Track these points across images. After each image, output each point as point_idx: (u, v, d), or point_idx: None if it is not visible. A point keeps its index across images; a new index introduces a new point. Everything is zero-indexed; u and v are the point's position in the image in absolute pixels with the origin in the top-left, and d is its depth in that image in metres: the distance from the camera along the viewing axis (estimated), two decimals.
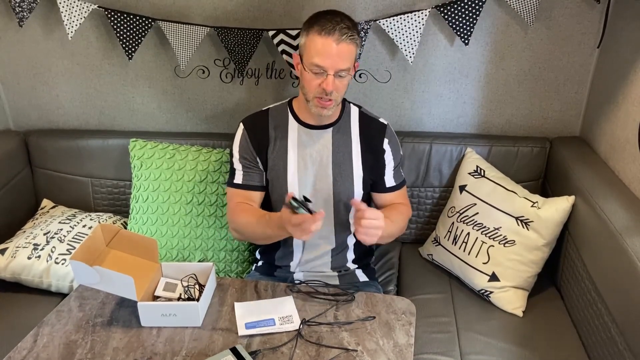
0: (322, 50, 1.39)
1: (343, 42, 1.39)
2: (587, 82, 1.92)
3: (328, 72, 1.41)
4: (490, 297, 1.71)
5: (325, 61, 1.40)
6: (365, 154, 1.60)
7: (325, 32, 1.38)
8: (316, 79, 1.43)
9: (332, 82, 1.42)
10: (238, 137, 1.62)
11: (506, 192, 1.77)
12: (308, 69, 1.43)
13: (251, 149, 1.59)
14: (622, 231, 1.38)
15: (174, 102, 2.12)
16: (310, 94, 1.47)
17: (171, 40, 1.89)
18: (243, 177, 1.61)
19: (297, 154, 1.57)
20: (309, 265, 1.66)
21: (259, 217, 1.52)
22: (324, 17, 1.42)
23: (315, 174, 1.57)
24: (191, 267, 1.45)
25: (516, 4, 1.75)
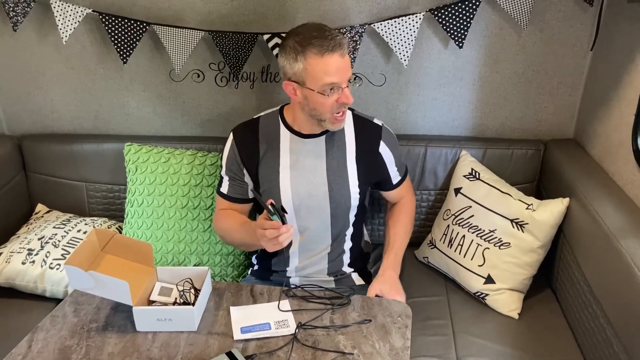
0: (333, 68, 1.37)
1: (345, 53, 1.40)
2: (580, 85, 1.93)
3: (342, 86, 1.40)
4: (486, 299, 1.71)
5: (340, 76, 1.39)
6: (361, 158, 1.59)
7: (329, 51, 1.36)
8: (331, 98, 1.41)
9: (349, 93, 1.42)
10: (227, 147, 1.62)
11: (501, 195, 1.78)
12: (320, 91, 1.40)
13: (238, 161, 1.59)
14: (617, 233, 1.39)
15: (169, 106, 2.12)
16: (326, 114, 1.45)
17: (166, 44, 1.89)
18: (228, 187, 1.63)
19: (289, 164, 1.56)
20: (305, 272, 1.65)
21: (241, 225, 1.54)
22: (312, 36, 1.37)
23: (310, 183, 1.56)
24: (187, 271, 1.44)
25: (509, 8, 1.76)
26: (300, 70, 1.40)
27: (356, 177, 1.59)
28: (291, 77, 1.43)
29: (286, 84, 1.46)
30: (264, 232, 1.32)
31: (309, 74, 1.39)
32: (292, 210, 1.57)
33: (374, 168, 1.63)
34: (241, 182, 1.62)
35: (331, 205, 1.57)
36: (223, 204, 1.66)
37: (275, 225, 1.30)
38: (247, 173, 1.60)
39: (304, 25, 1.44)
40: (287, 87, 1.46)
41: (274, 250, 1.37)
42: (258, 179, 1.59)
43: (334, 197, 1.57)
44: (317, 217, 1.59)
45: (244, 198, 1.64)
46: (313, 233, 1.60)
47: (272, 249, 1.35)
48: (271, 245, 1.34)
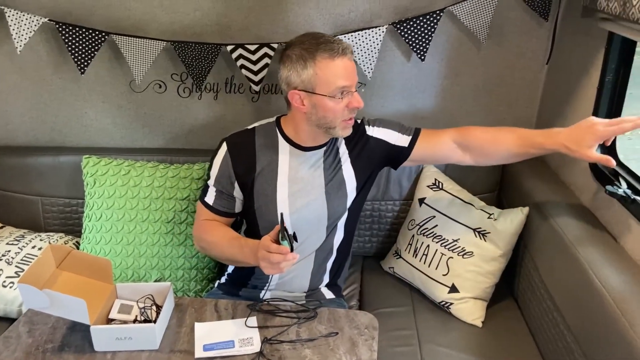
0: (344, 71, 1.37)
1: (352, 58, 1.41)
2: (537, 98, 2.00)
3: (353, 90, 1.40)
4: (451, 308, 1.73)
5: (350, 80, 1.39)
6: (356, 158, 1.55)
7: (338, 54, 1.36)
8: (342, 102, 1.39)
9: (359, 97, 1.41)
10: (219, 158, 1.53)
11: (464, 205, 1.81)
12: (332, 95, 1.37)
13: (231, 174, 1.51)
14: (574, 241, 1.43)
15: (130, 117, 2.07)
16: (337, 120, 1.42)
17: (126, 55, 1.85)
18: (214, 199, 1.54)
19: (288, 178, 1.51)
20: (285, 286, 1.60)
21: (231, 239, 1.47)
22: (318, 42, 1.37)
23: (309, 197, 1.52)
24: (147, 287, 1.40)
25: (469, 22, 1.81)
26: (310, 77, 1.37)
27: (354, 182, 1.55)
28: (298, 85, 1.40)
29: (292, 94, 1.41)
30: (270, 255, 1.24)
31: (320, 79, 1.37)
32: (289, 225, 1.52)
33: (372, 156, 1.57)
34: (229, 196, 1.54)
35: (329, 219, 1.54)
36: (206, 215, 1.56)
37: (284, 251, 1.23)
38: (238, 188, 1.53)
39: (303, 35, 1.43)
40: (294, 96, 1.41)
41: (270, 273, 1.32)
42: (253, 193, 1.52)
43: (332, 209, 1.53)
44: (313, 231, 1.55)
45: (229, 212, 1.56)
46: (305, 247, 1.56)
47: (269, 272, 1.28)
48: (270, 269, 1.26)
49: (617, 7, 1.28)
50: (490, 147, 1.54)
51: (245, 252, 1.37)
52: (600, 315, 1.23)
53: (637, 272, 1.28)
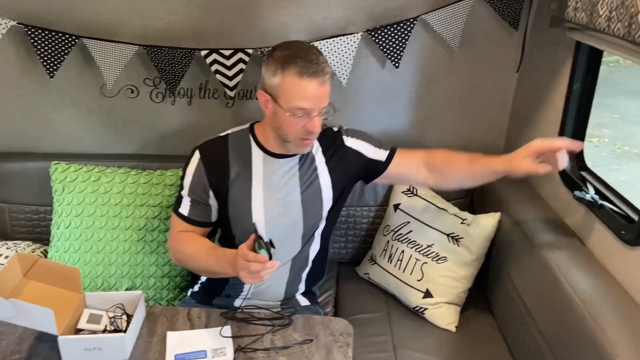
0: (307, 94, 1.32)
1: (326, 82, 1.35)
2: (508, 105, 2.03)
3: (313, 114, 1.35)
4: (425, 313, 1.74)
5: (312, 103, 1.34)
6: (333, 167, 1.54)
7: (309, 75, 1.31)
8: (299, 122, 1.36)
9: (318, 123, 1.36)
10: (192, 167, 1.50)
11: (438, 210, 1.83)
12: (289, 112, 1.35)
13: (205, 184, 1.48)
14: (544, 245, 1.46)
15: (101, 122, 2.03)
16: (291, 136, 1.39)
17: (97, 59, 1.81)
18: (190, 209, 1.51)
19: (262, 186, 1.49)
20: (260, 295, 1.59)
21: (208, 250, 1.44)
22: (297, 56, 1.33)
23: (284, 205, 1.50)
24: (118, 296, 1.38)
25: (442, 30, 1.83)
26: (276, 85, 1.36)
27: (330, 192, 1.54)
28: (267, 88, 1.39)
29: (260, 94, 1.41)
30: (248, 264, 1.22)
31: (284, 92, 1.35)
32: (264, 233, 1.50)
33: (349, 167, 1.56)
34: (205, 205, 1.51)
35: (304, 228, 1.53)
36: (181, 226, 1.52)
37: (262, 260, 1.21)
38: (213, 196, 1.50)
39: (295, 41, 1.41)
40: (260, 97, 1.41)
41: (251, 283, 1.30)
42: (227, 201, 1.50)
43: (308, 220, 1.52)
44: (288, 238, 1.53)
45: (206, 221, 1.53)
46: (281, 255, 1.55)
47: (249, 281, 1.26)
48: (250, 278, 1.24)
49: (584, 17, 1.31)
50: (447, 167, 1.58)
51: (223, 263, 1.34)
52: (569, 318, 1.25)
53: (604, 276, 1.32)
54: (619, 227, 1.30)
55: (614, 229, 1.32)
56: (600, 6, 1.23)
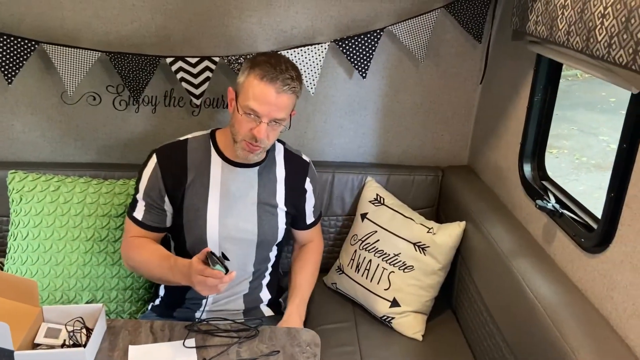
0: (261, 96, 1.34)
1: (284, 93, 1.35)
2: (472, 116, 2.07)
3: (262, 120, 1.36)
4: (392, 323, 1.75)
5: (262, 108, 1.35)
6: (289, 192, 1.57)
7: (267, 80, 1.34)
8: (248, 123, 1.37)
9: (264, 130, 1.36)
10: (149, 170, 1.48)
11: (404, 219, 1.84)
12: (242, 110, 1.37)
13: (161, 188, 1.47)
14: (508, 253, 1.49)
15: (61, 130, 1.97)
16: (239, 136, 1.40)
17: (57, 65, 1.76)
18: (144, 214, 1.49)
19: (219, 194, 1.48)
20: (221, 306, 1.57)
21: (161, 258, 1.42)
22: (268, 61, 1.36)
23: (240, 215, 1.50)
24: (77, 309, 1.33)
25: (408, 42, 1.86)
26: (241, 83, 1.40)
27: (284, 211, 1.57)
28: (236, 85, 1.43)
29: (229, 91, 1.45)
30: (205, 279, 1.23)
31: (244, 90, 1.38)
32: (217, 242, 1.49)
33: (298, 203, 1.61)
34: (160, 210, 1.49)
35: (259, 238, 1.53)
36: (135, 231, 1.50)
37: (219, 275, 1.22)
38: (168, 201, 1.48)
39: (279, 54, 1.47)
40: (229, 94, 1.45)
41: (207, 294, 1.30)
42: (182, 207, 1.48)
43: (263, 230, 1.52)
44: (242, 250, 1.53)
45: (160, 227, 1.51)
46: (235, 266, 1.53)
47: (205, 294, 1.27)
48: (207, 291, 1.26)
49: (544, 31, 1.35)
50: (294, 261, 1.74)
51: (176, 274, 1.34)
52: (532, 325, 1.28)
53: (566, 283, 1.34)
54: (579, 235, 1.34)
55: (574, 237, 1.35)
56: (559, 20, 1.27)
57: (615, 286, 1.20)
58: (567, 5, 1.24)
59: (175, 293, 1.58)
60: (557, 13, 1.28)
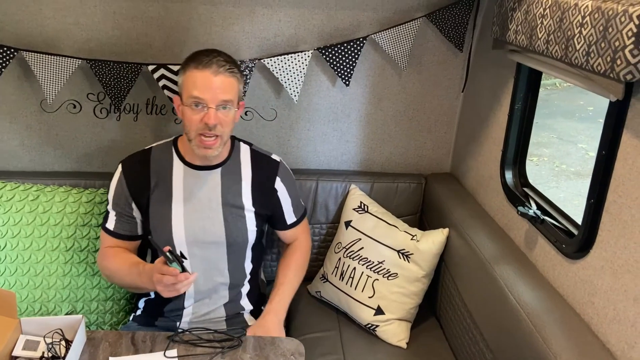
0: (201, 83, 1.36)
1: (221, 74, 1.37)
2: (454, 124, 2.09)
3: (209, 105, 1.37)
4: (376, 330, 1.74)
5: (205, 93, 1.36)
6: (257, 192, 1.56)
7: (202, 66, 1.36)
8: (197, 114, 1.38)
9: (214, 114, 1.37)
10: (115, 180, 1.53)
11: (388, 227, 1.84)
12: (187, 103, 1.38)
13: (126, 195, 1.50)
14: (491, 260, 1.50)
15: (40, 139, 1.94)
16: (192, 132, 1.40)
17: (37, 72, 1.74)
18: (115, 224, 1.52)
19: (183, 198, 1.49)
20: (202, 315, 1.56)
21: (131, 265, 1.43)
22: (200, 54, 1.41)
23: (205, 218, 1.50)
24: (56, 321, 1.30)
25: (390, 50, 1.87)
26: (180, 84, 1.42)
27: (253, 212, 1.55)
28: (178, 89, 1.44)
29: (174, 99, 1.47)
30: (162, 277, 1.26)
31: (185, 86, 1.40)
32: (185, 246, 1.49)
33: (270, 204, 1.60)
34: (129, 218, 1.52)
35: (227, 240, 1.52)
36: (109, 241, 1.54)
37: (173, 273, 1.24)
38: (136, 207, 1.51)
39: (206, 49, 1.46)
40: (175, 102, 1.47)
41: (170, 296, 1.30)
42: (148, 214, 1.50)
43: (231, 232, 1.52)
44: (212, 254, 1.52)
45: (132, 235, 1.54)
46: (208, 271, 1.52)
47: (167, 295, 1.29)
48: (167, 292, 1.28)
49: (524, 40, 1.37)
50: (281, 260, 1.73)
51: (144, 279, 1.36)
52: (515, 331, 1.28)
53: (547, 289, 1.36)
54: (560, 241, 1.35)
55: (556, 243, 1.37)
56: (539, 30, 1.29)
57: (596, 291, 1.21)
58: (546, 15, 1.26)
59: (153, 306, 1.58)
60: (536, 22, 1.31)
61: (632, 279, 1.10)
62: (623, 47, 0.99)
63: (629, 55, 0.98)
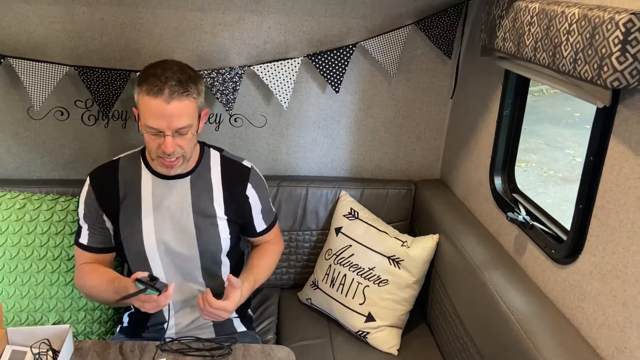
0: (154, 112, 1.30)
1: (175, 99, 1.29)
2: (443, 130, 2.11)
3: (166, 133, 1.31)
4: (367, 337, 1.74)
5: (159, 123, 1.30)
6: (229, 200, 1.53)
7: (153, 93, 1.29)
8: (155, 140, 1.34)
9: (170, 143, 1.32)
10: (84, 194, 1.50)
11: (378, 233, 1.84)
12: (144, 130, 1.34)
13: (96, 207, 1.47)
14: (481, 265, 1.50)
15: (27, 146, 1.92)
16: (152, 153, 1.38)
17: (24, 79, 1.72)
18: (89, 237, 1.50)
19: (152, 208, 1.47)
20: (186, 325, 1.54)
21: (108, 282, 1.41)
22: (153, 73, 1.31)
23: (176, 227, 1.47)
24: (43, 331, 1.28)
25: (380, 57, 1.88)
26: (136, 102, 1.36)
27: (225, 220, 1.52)
28: (136, 103, 1.38)
29: (134, 110, 1.40)
30: (143, 304, 1.28)
31: (140, 110, 1.35)
32: (157, 256, 1.47)
33: (241, 211, 1.56)
34: (102, 229, 1.49)
35: (200, 248, 1.49)
36: (84, 257, 1.50)
37: (152, 299, 1.26)
38: (107, 218, 1.49)
39: (164, 60, 1.38)
40: (135, 111, 1.40)
41: (155, 311, 1.31)
42: (119, 225, 1.48)
43: (203, 241, 1.49)
44: (185, 263, 1.50)
45: (106, 247, 1.51)
46: (183, 280, 1.50)
47: (153, 312, 1.31)
48: (152, 310, 1.30)
49: (512, 47, 1.39)
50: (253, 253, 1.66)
51: (122, 293, 1.34)
52: (506, 337, 1.29)
53: (537, 294, 1.36)
54: (549, 247, 1.36)
55: (545, 249, 1.37)
56: (526, 37, 1.31)
57: (585, 296, 1.22)
58: (533, 22, 1.27)
59: (137, 321, 1.57)
60: (524, 30, 1.32)
61: (620, 284, 1.10)
62: (610, 54, 1.00)
63: (615, 62, 0.99)
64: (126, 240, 1.48)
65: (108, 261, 1.54)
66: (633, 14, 0.96)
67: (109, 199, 1.47)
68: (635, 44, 0.97)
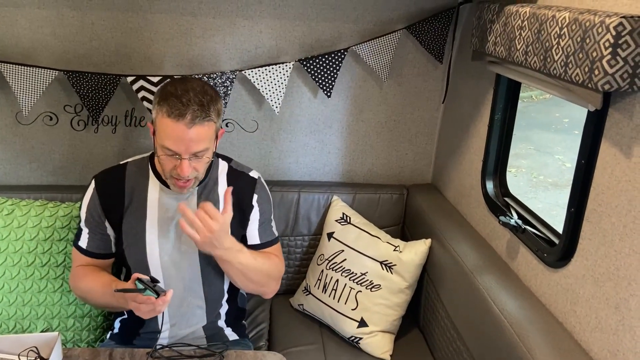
0: (173, 135, 1.27)
1: (197, 125, 1.27)
2: (435, 135, 2.11)
3: (182, 157, 1.30)
4: (360, 343, 1.73)
5: (178, 147, 1.28)
6: (234, 212, 1.47)
7: (175, 116, 1.26)
8: (170, 162, 1.32)
9: (187, 167, 1.30)
10: (87, 196, 1.46)
11: (371, 238, 1.84)
12: (161, 151, 1.31)
13: (99, 212, 1.44)
14: (473, 270, 1.50)
15: (15, 151, 1.89)
16: (166, 173, 1.36)
17: (12, 84, 1.70)
18: (88, 241, 1.47)
19: (157, 217, 1.44)
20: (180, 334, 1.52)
21: (104, 285, 1.38)
22: (174, 94, 1.28)
23: (179, 238, 1.45)
24: (31, 338, 1.26)
25: (371, 61, 1.89)
26: (154, 119, 1.33)
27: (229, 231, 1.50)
28: (153, 119, 1.35)
29: (149, 125, 1.39)
30: (139, 306, 1.24)
31: (157, 128, 1.32)
32: (159, 266, 1.45)
33: (242, 220, 1.52)
34: (103, 235, 1.47)
35: (201, 261, 1.47)
36: (81, 260, 1.48)
37: (150, 301, 1.22)
38: (109, 225, 1.46)
39: (185, 78, 1.36)
40: (150, 127, 1.38)
41: (150, 317, 1.27)
42: (121, 232, 1.45)
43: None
44: (187, 275, 1.48)
45: (106, 253, 1.49)
46: (183, 293, 1.48)
47: (147, 317, 1.27)
48: (147, 315, 1.26)
49: (503, 52, 1.39)
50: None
51: (119, 299, 1.32)
52: (499, 341, 1.28)
53: (530, 298, 1.36)
54: (541, 250, 1.36)
55: (537, 252, 1.38)
56: (517, 41, 1.31)
57: (577, 300, 1.22)
58: (524, 27, 1.28)
59: (129, 327, 1.55)
60: (514, 34, 1.33)
61: (613, 287, 1.11)
62: (600, 57, 1.01)
63: (606, 65, 1.00)
64: (129, 248, 1.45)
65: (106, 266, 1.51)
66: (623, 18, 0.96)
67: (114, 205, 1.44)
68: (626, 47, 0.97)
